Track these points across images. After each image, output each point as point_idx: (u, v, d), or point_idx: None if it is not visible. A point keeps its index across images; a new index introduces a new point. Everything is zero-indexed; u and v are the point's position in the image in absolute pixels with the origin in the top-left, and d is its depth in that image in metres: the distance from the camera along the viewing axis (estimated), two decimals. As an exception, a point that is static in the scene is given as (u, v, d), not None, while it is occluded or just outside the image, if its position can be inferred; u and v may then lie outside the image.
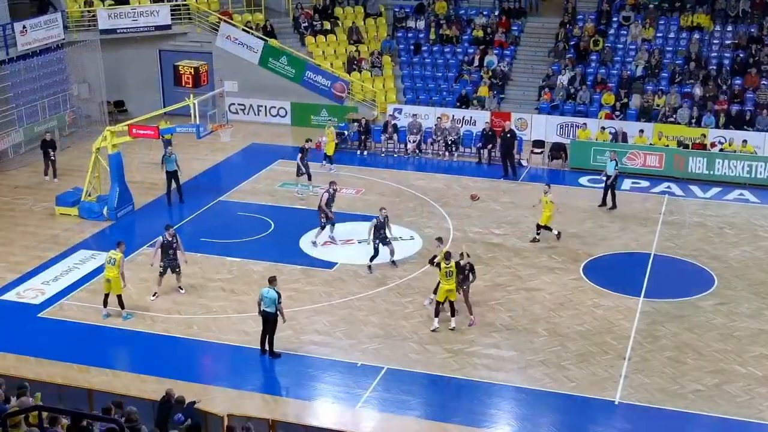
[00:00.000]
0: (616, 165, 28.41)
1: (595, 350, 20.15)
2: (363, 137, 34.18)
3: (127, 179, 28.41)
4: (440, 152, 33.72)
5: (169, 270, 22.46)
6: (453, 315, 21.00)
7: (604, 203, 28.34)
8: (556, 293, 22.82)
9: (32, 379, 17.08)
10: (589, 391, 18.64)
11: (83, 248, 25.68)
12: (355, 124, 34.82)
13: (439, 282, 20.88)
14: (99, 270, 24.04)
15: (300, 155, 29.06)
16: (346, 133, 34.42)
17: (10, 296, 22.93)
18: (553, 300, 22.48)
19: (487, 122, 33.45)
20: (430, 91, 37.56)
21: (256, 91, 37.80)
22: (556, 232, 25.64)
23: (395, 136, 34.15)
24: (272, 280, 19.88)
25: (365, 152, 34.07)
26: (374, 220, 23.91)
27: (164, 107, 33.62)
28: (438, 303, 20.85)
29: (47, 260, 24.87)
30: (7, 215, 28.27)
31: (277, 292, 19.71)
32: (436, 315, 20.89)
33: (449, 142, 33.43)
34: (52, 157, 30.99)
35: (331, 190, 25.47)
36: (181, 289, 22.82)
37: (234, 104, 38.07)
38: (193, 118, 27.13)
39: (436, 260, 21.29)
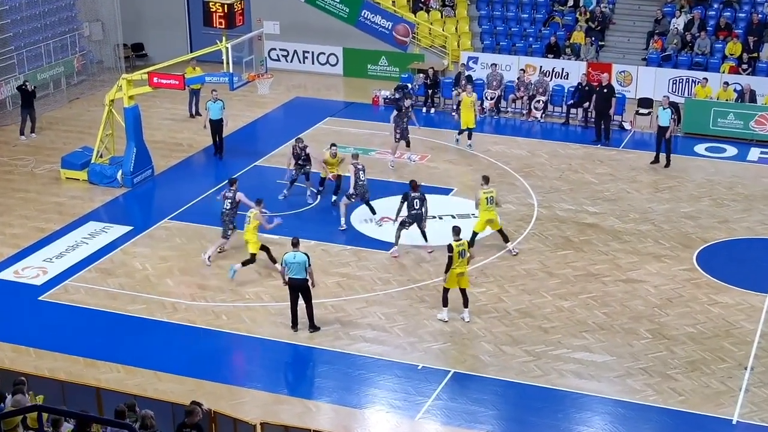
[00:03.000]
0: (672, 114, 28.73)
1: (710, 357, 19.96)
2: (430, 92, 34.09)
3: (147, 138, 28.72)
4: (524, 111, 33.54)
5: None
6: (466, 306, 21.14)
7: (657, 160, 29.05)
8: (662, 287, 22.62)
9: (31, 374, 17.42)
10: (700, 407, 18.46)
11: (93, 220, 26.06)
12: (421, 75, 34.72)
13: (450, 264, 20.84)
14: (111, 246, 24.41)
15: (395, 113, 28.96)
16: (409, 86, 34.33)
17: (7, 275, 23.36)
18: (658, 295, 22.29)
19: (583, 74, 33.12)
20: (513, 37, 37.31)
21: (301, 35, 37.90)
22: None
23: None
24: (296, 243, 20.65)
25: (432, 110, 34.00)
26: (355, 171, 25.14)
27: (191, 52, 33.88)
28: (446, 290, 21.05)
29: (50, 233, 25.27)
30: (4, 178, 28.78)
31: (306, 255, 20.35)
32: (445, 304, 21.08)
33: (535, 99, 33.19)
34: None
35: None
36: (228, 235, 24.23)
37: (275, 50, 38.23)
38: (225, 66, 27.25)
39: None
